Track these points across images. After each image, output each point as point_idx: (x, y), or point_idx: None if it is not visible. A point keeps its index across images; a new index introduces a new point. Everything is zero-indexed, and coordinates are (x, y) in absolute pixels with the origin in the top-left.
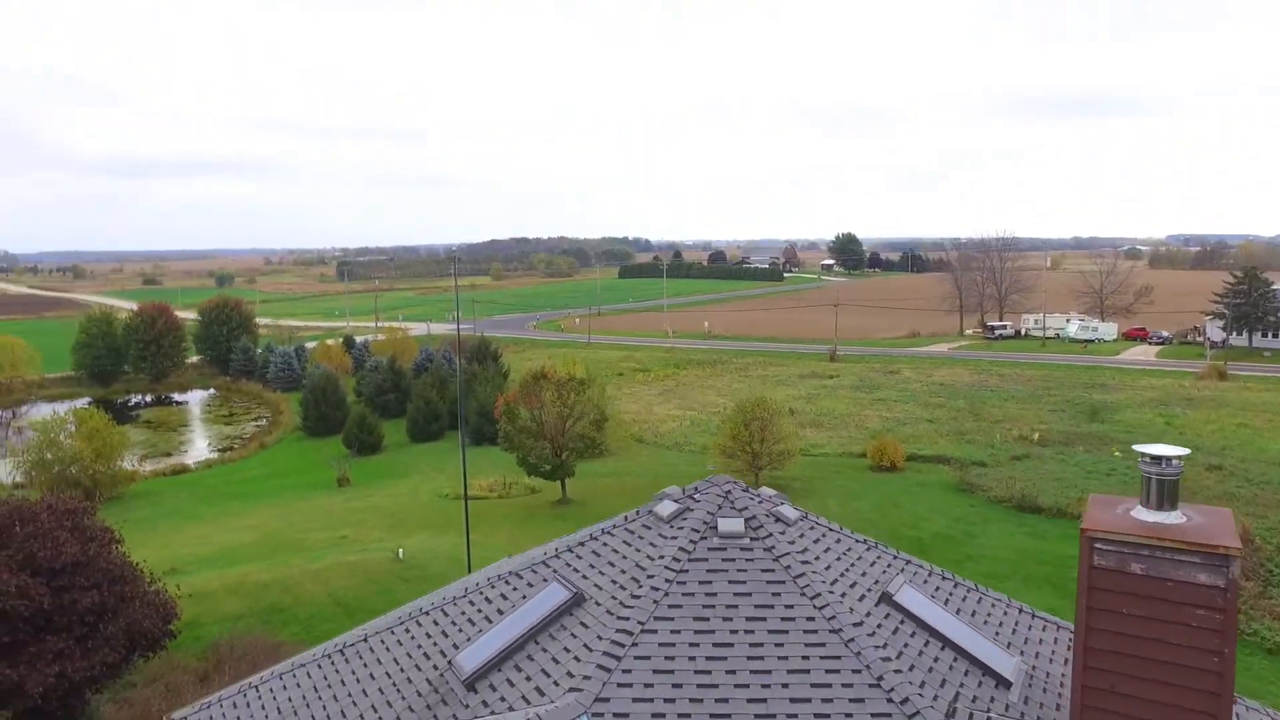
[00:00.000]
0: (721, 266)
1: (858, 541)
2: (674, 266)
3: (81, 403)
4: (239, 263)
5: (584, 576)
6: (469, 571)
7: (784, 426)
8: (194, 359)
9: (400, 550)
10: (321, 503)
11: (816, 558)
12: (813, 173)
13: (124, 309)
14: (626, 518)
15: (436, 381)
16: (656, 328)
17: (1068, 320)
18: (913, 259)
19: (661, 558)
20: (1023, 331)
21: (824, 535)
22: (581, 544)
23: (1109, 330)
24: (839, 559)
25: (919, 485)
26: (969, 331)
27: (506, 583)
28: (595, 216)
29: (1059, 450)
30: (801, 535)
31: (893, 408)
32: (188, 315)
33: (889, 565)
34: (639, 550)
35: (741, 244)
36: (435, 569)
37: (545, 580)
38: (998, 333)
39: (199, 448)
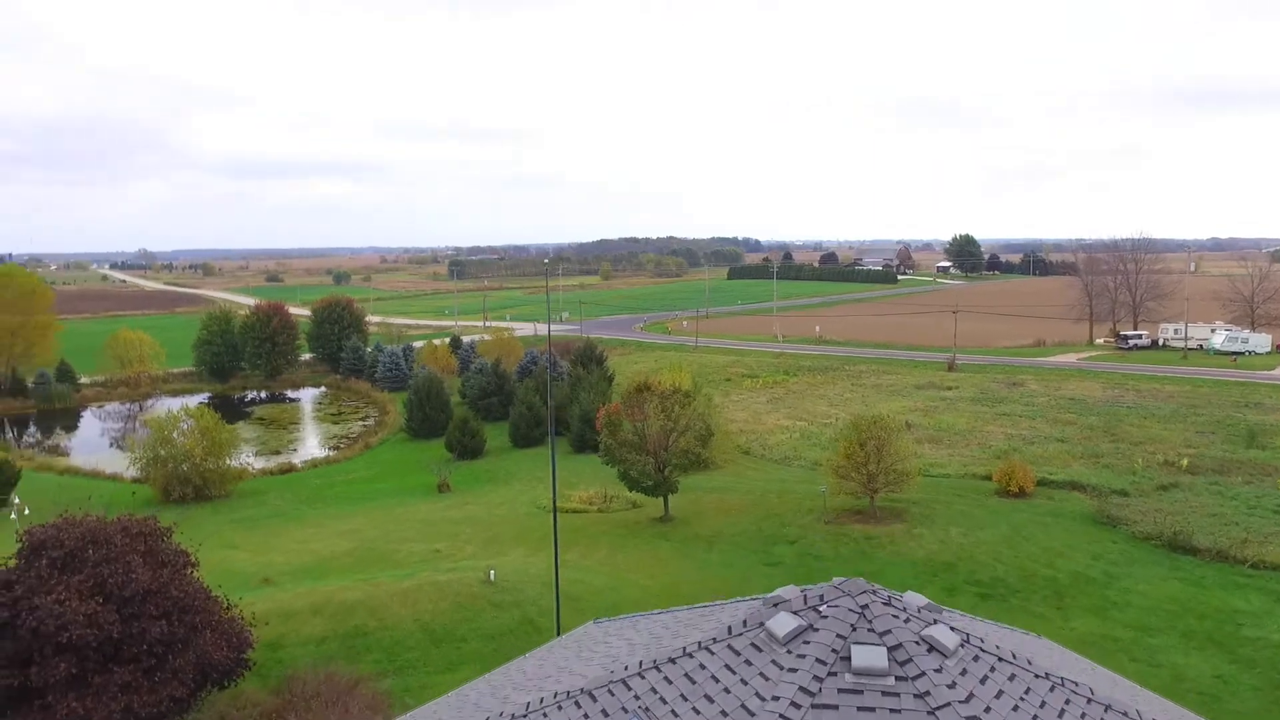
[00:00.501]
0: (833, 268)
1: (1037, 677)
2: (784, 268)
3: (201, 398)
4: (357, 261)
5: (672, 713)
6: (557, 605)
7: (902, 446)
8: (306, 357)
9: (491, 572)
10: (420, 509)
11: (987, 709)
12: (926, 170)
13: (245, 306)
14: (731, 630)
15: (540, 385)
16: (766, 331)
17: (1212, 330)
18: (1034, 261)
19: (775, 699)
20: (1160, 342)
21: (993, 670)
22: (672, 662)
23: (1262, 342)
24: (1017, 709)
25: (1051, 515)
26: (1099, 341)
27: (577, 705)
28: (705, 216)
29: (1212, 480)
30: (964, 673)
31: (1018, 424)
32: (304, 313)
33: (1084, 718)
34: (745, 684)
35: (853, 244)
36: (527, 594)
37: (623, 710)
38: (1132, 343)
39: (307, 446)
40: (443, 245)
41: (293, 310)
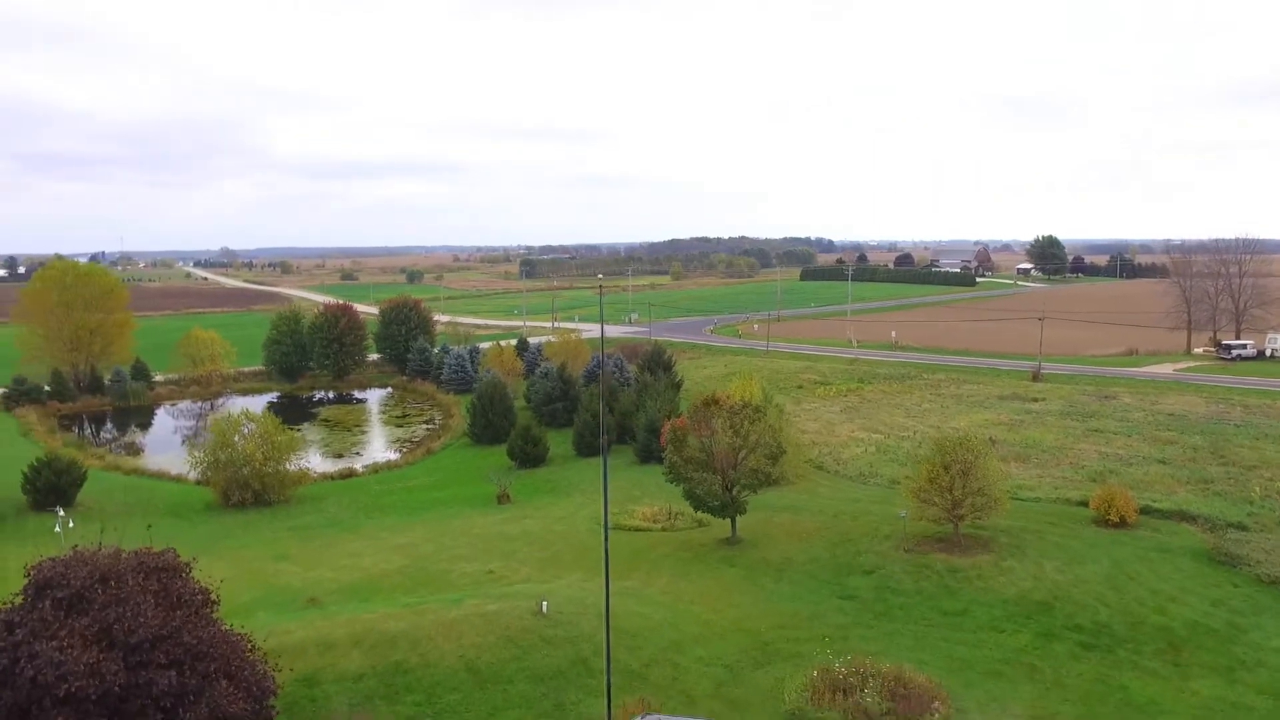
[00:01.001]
0: (909, 270)
1: None
2: (858, 269)
3: (270, 398)
4: (430, 259)
5: None
6: (608, 659)
7: (991, 469)
8: (374, 357)
9: (544, 603)
10: (477, 523)
11: None
12: (1004, 168)
13: (317, 303)
14: None
15: (607, 391)
16: (839, 336)
17: None
18: (1121, 263)
19: None
20: (1268, 352)
21: None
22: None
23: None
24: None
25: (1158, 550)
26: (1198, 351)
27: None
28: (778, 216)
29: None
30: None
31: (1112, 441)
32: (375, 312)
33: None
34: None
35: (928, 245)
36: (582, 628)
37: None
38: (1236, 353)
39: (370, 450)
40: (515, 244)
41: (363, 309)
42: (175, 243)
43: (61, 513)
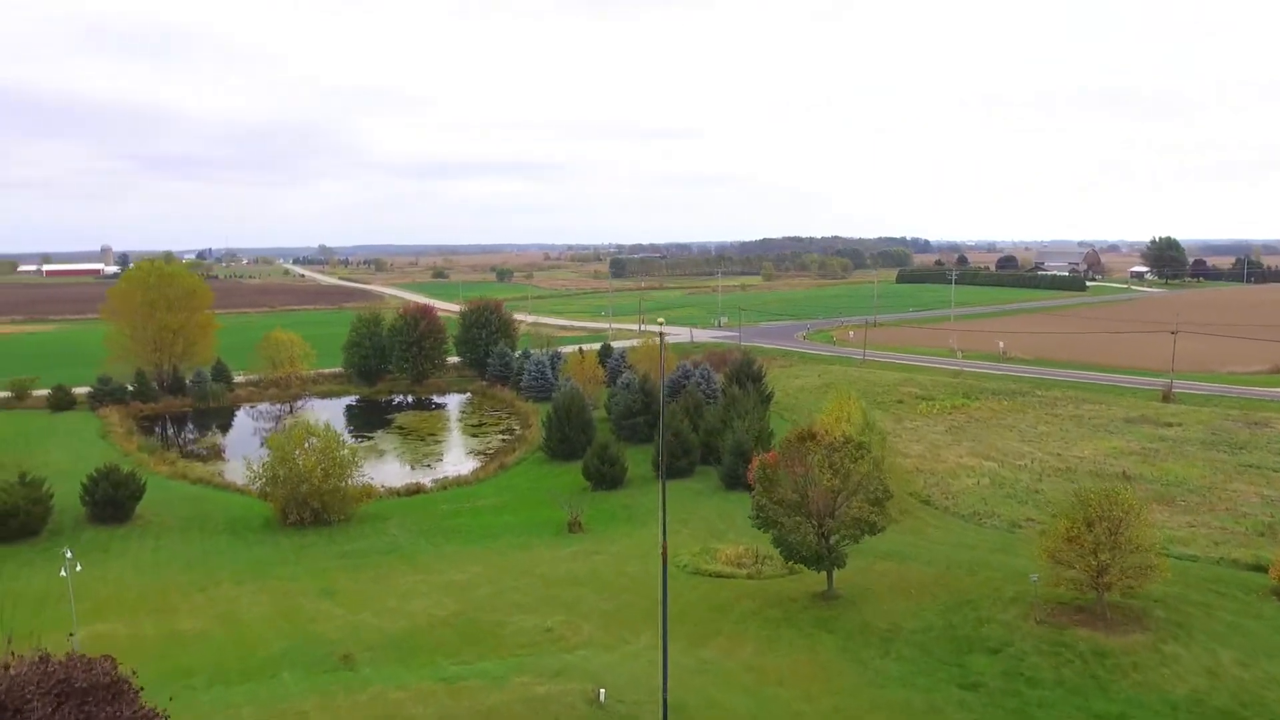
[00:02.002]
0: (1012, 273)
1: None
2: (959, 272)
3: (348, 401)
4: (521, 258)
5: None
6: None
7: (1145, 530)
8: (454, 360)
9: (602, 692)
10: (543, 556)
11: None
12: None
13: (405, 301)
14: None
15: (692, 406)
16: (940, 344)
17: None
18: (1248, 266)
19: None
20: None
21: None
22: None
23: None
24: None
25: None
26: None
27: None
28: (871, 215)
29: None
30: None
31: (1274, 481)
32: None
33: None
34: None
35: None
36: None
37: None
38: None
39: (443, 461)
40: (606, 243)
41: (451, 309)
42: (276, 239)
43: (70, 554)
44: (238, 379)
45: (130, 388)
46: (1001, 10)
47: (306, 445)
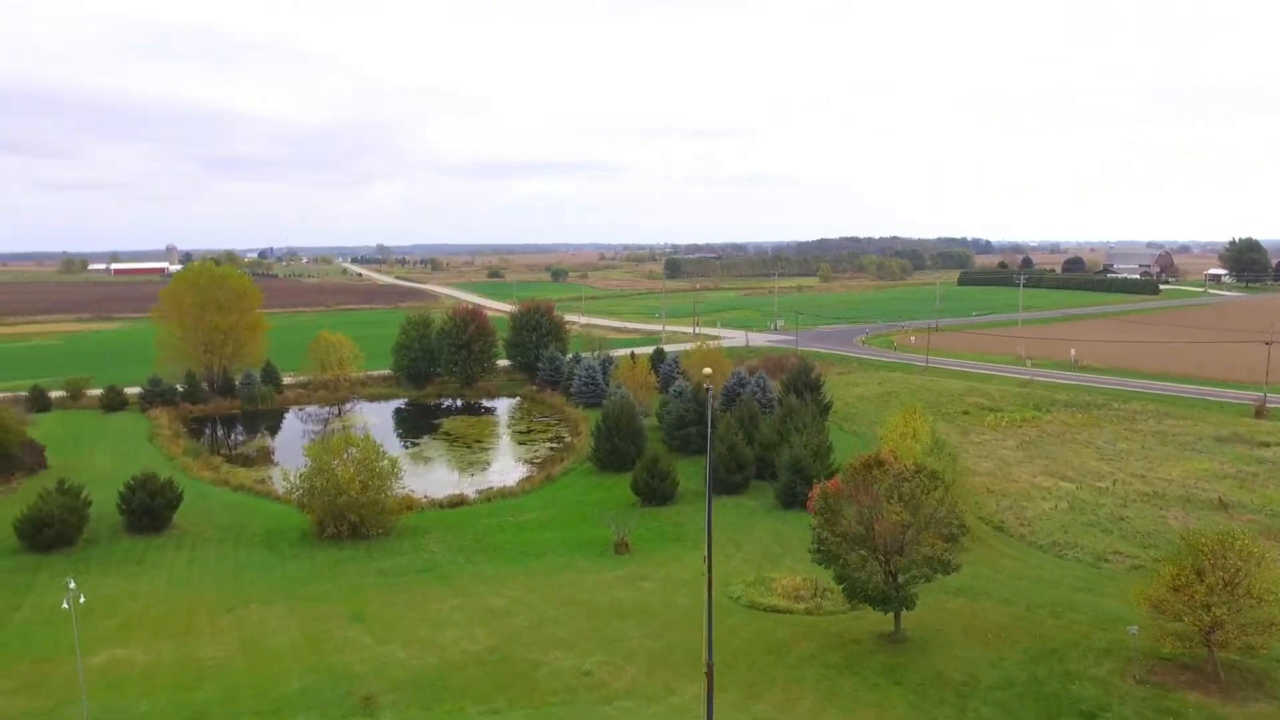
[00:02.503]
0: (1080, 276)
1: None
2: (1023, 275)
3: (396, 404)
4: (577, 258)
5: None
6: None
7: (1267, 579)
8: (503, 363)
9: None
10: (587, 580)
11: None
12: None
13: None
14: None
15: (746, 418)
16: (1006, 350)
17: None
18: None
19: None
20: None
21: None
22: None
23: None
24: None
25: None
26: None
27: None
28: (930, 215)
29: None
30: None
31: None
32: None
33: None
34: None
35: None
36: None
37: None
38: None
39: (489, 470)
40: (661, 242)
41: (505, 308)
42: (336, 239)
43: (73, 584)
44: (287, 380)
45: (180, 389)
46: (1065, 7)
47: (345, 455)
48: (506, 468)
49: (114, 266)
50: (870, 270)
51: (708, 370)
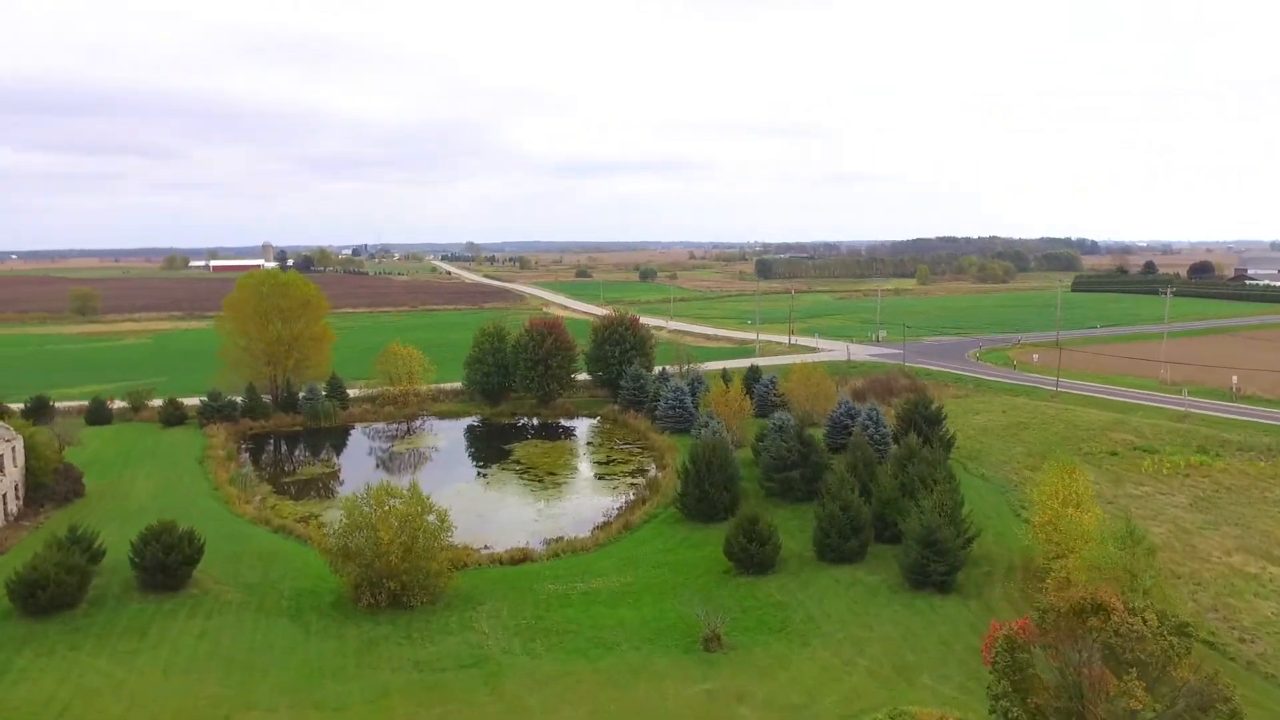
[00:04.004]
0: (1211, 282)
1: None
2: (1146, 280)
3: (468, 422)
4: (665, 256)
5: None
6: None
7: None
8: (583, 376)
9: None
10: (667, 694)
11: None
12: None
13: (545, 301)
14: None
15: (861, 464)
16: (1143, 371)
17: None
18: None
19: None
20: None
21: None
22: None
23: None
24: None
25: None
26: None
27: None
28: (1030, 213)
29: None
30: None
31: None
32: (600, 312)
33: None
34: None
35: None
36: None
37: None
38: None
39: (560, 510)
40: (751, 241)
41: (592, 309)
42: (427, 236)
43: None
44: (354, 393)
45: (238, 400)
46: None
47: (387, 507)
48: (581, 509)
49: (213, 263)
50: (971, 272)
51: None
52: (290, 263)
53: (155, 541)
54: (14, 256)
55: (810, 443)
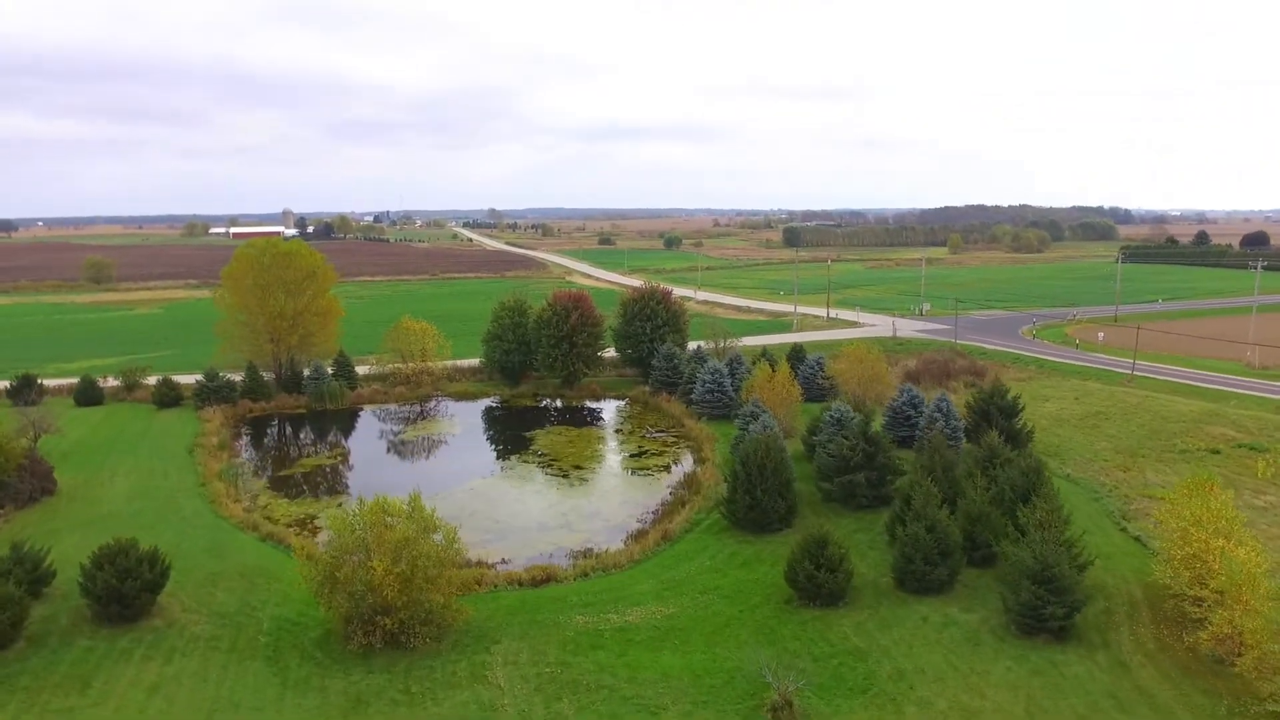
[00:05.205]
0: (1267, 252)
1: None
2: (1197, 252)
3: (486, 403)
4: (689, 224)
5: None
6: None
7: None
8: (610, 351)
9: None
10: None
11: None
12: None
13: (568, 269)
14: None
15: (939, 468)
16: (1221, 353)
17: None
18: None
19: None
20: None
21: None
22: None
23: None
24: None
25: None
26: None
27: None
28: (1059, 181)
29: None
30: None
31: None
32: (627, 282)
33: None
34: None
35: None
36: None
37: None
38: None
39: (587, 511)
40: (775, 208)
41: (615, 278)
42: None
43: None
44: (363, 370)
45: (238, 382)
46: None
47: (384, 523)
48: (611, 510)
49: (233, 230)
50: (1005, 242)
51: None
52: (310, 229)
53: (109, 564)
54: (40, 224)
55: (877, 441)
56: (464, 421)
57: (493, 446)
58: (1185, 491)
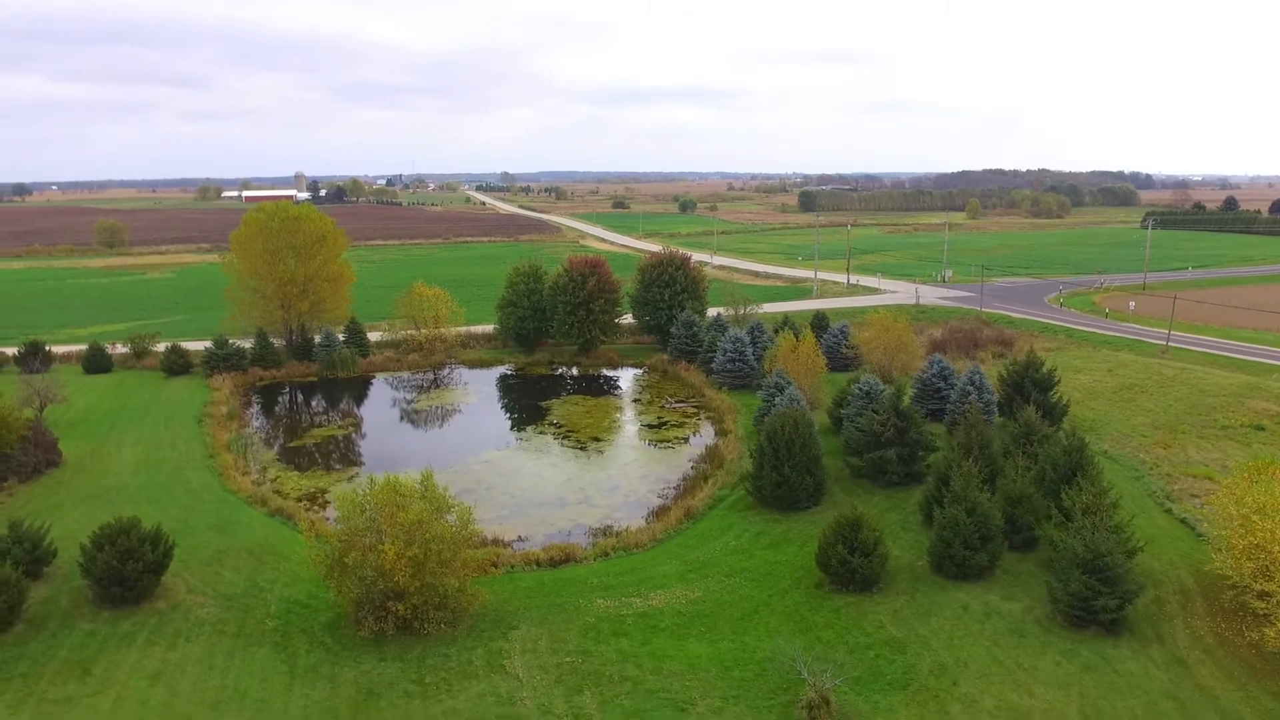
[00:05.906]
0: None
1: None
2: (1225, 218)
3: (501, 371)
4: (703, 187)
5: None
6: None
7: None
8: (627, 317)
9: None
10: None
11: None
12: None
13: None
14: None
15: (975, 446)
16: (1257, 322)
17: None
18: None
19: None
20: None
21: None
22: None
23: None
24: None
25: None
26: None
27: None
28: (1080, 146)
29: None
30: None
31: None
32: (643, 246)
33: None
34: None
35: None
36: None
37: None
38: None
39: (605, 484)
40: (790, 172)
41: (630, 241)
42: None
43: None
44: (375, 337)
45: (247, 349)
46: None
47: (397, 502)
48: (631, 484)
49: (245, 194)
50: (1024, 206)
51: None
52: (323, 192)
53: (110, 545)
54: (54, 187)
55: (908, 416)
56: (478, 390)
57: (508, 416)
58: (1246, 475)
